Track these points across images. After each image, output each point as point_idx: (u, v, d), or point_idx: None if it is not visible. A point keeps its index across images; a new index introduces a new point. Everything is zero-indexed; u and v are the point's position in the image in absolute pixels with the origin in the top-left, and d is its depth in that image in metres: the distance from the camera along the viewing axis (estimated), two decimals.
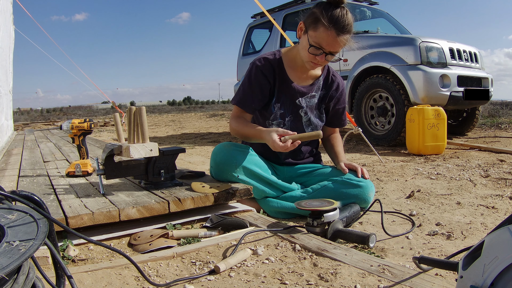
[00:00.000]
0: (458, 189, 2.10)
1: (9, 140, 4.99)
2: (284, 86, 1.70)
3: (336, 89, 1.78)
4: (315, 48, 1.53)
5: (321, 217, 1.28)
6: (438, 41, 4.00)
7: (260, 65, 1.67)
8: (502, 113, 7.00)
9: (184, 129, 8.30)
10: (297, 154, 1.82)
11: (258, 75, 1.66)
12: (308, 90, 1.73)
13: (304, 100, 1.72)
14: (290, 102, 1.72)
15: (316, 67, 1.64)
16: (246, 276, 0.99)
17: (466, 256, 0.70)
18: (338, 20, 1.48)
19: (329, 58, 1.57)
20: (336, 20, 1.48)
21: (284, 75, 1.69)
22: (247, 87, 1.68)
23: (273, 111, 1.72)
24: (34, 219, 0.62)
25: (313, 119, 1.76)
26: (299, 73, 1.72)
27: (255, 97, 1.67)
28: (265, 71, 1.66)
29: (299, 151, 1.81)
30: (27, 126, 10.55)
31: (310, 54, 1.55)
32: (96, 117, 16.34)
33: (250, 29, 6.01)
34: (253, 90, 1.67)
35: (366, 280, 0.93)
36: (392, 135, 3.99)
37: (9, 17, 6.12)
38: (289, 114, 1.73)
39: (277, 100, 1.71)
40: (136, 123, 1.53)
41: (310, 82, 1.74)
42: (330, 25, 1.48)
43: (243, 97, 1.68)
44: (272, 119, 1.73)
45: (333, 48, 1.53)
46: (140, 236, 1.26)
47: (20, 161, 2.67)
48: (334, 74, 1.79)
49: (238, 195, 1.52)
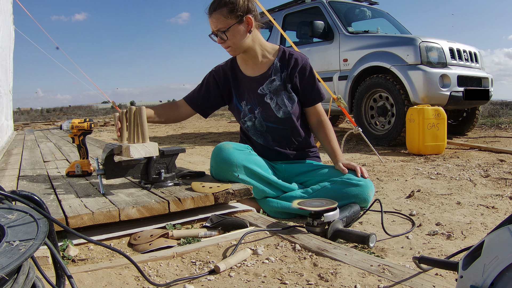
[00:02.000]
0: (458, 189, 2.10)
1: (9, 140, 4.98)
2: (240, 81, 1.83)
3: (295, 64, 1.78)
4: (213, 35, 1.71)
5: (321, 217, 1.28)
6: (438, 41, 4.00)
7: (213, 71, 1.89)
8: (502, 113, 7.01)
9: (184, 129, 8.30)
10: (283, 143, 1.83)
11: (209, 79, 1.89)
12: (265, 76, 1.78)
13: (265, 86, 1.78)
14: (253, 94, 1.80)
15: (229, 51, 1.74)
16: (246, 276, 0.99)
17: (466, 256, 0.70)
18: (210, 4, 1.68)
19: (223, 37, 1.68)
20: (209, 5, 1.68)
21: (238, 73, 1.84)
22: (198, 88, 1.91)
23: (241, 109, 1.83)
24: (34, 219, 0.62)
25: (282, 101, 1.76)
26: (251, 65, 1.82)
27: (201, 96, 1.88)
28: (216, 75, 1.87)
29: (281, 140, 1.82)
30: (27, 126, 10.55)
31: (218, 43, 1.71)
32: (96, 117, 16.34)
33: None
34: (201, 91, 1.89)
35: (366, 280, 0.93)
36: (392, 135, 3.99)
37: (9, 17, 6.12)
38: (257, 107, 1.80)
39: (242, 98, 1.83)
40: (136, 123, 1.53)
41: (265, 68, 1.80)
42: (207, 10, 1.69)
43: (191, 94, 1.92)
44: (243, 116, 1.83)
45: (214, 26, 1.68)
46: (140, 236, 1.26)
47: (20, 161, 2.67)
48: (291, 52, 1.81)
49: (238, 195, 1.52)
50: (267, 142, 1.83)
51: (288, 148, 1.83)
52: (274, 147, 1.83)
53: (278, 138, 1.81)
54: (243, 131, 1.91)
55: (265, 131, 1.81)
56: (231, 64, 1.87)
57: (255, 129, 1.83)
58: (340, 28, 4.59)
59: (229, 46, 1.71)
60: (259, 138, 1.83)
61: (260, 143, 1.84)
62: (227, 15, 1.64)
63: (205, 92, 1.88)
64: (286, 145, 1.83)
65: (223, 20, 1.64)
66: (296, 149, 1.84)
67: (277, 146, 1.83)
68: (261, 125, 1.80)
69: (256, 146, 1.83)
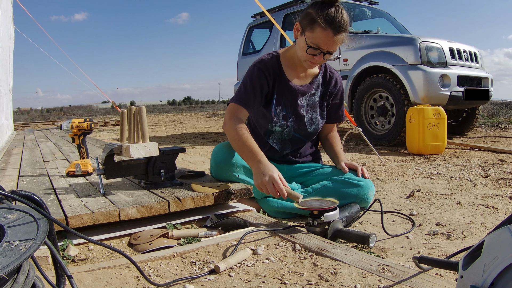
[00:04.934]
0: (458, 189, 2.10)
1: (9, 140, 4.98)
2: (283, 86, 1.69)
3: (334, 85, 1.79)
4: (313, 48, 1.54)
5: (321, 216, 1.28)
6: (438, 41, 4.00)
7: (261, 67, 1.66)
8: (502, 113, 7.01)
9: (184, 128, 8.30)
10: (297, 153, 1.82)
11: (260, 76, 1.65)
12: (307, 89, 1.73)
13: (304, 99, 1.73)
14: (291, 103, 1.72)
15: (314, 66, 1.65)
16: (246, 276, 0.99)
17: (466, 256, 0.70)
18: (334, 19, 1.49)
19: (327, 57, 1.58)
20: (332, 19, 1.48)
21: (282, 75, 1.69)
22: (249, 87, 1.64)
23: (275, 114, 1.71)
24: (34, 219, 0.62)
25: (315, 117, 1.77)
26: (297, 72, 1.72)
27: (256, 97, 1.64)
28: (266, 72, 1.66)
29: (298, 150, 1.82)
30: (27, 126, 10.55)
31: (308, 54, 1.56)
32: (96, 116, 16.34)
33: (250, 29, 6.00)
34: (255, 90, 1.64)
35: (366, 280, 0.93)
36: (392, 135, 3.99)
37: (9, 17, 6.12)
38: (291, 115, 1.73)
39: (278, 103, 1.71)
40: (136, 123, 1.53)
41: (309, 80, 1.75)
42: (327, 25, 1.48)
43: (245, 96, 1.63)
44: (275, 121, 1.72)
45: (330, 47, 1.54)
46: (140, 236, 1.26)
47: (20, 161, 2.67)
48: (332, 71, 1.81)
49: (238, 195, 1.52)
50: (284, 149, 1.78)
51: (299, 157, 1.84)
52: (288, 155, 1.81)
53: (296, 148, 1.81)
54: (255, 132, 1.79)
55: (289, 140, 1.78)
56: (277, 63, 1.69)
57: (280, 135, 1.76)
58: None
59: (316, 63, 1.60)
60: (278, 144, 1.78)
61: (275, 148, 1.78)
62: (345, 40, 1.55)
63: (260, 94, 1.65)
64: (299, 154, 1.83)
65: (340, 44, 1.56)
66: (304, 156, 1.86)
67: (291, 154, 1.81)
68: (289, 134, 1.76)
69: (266, 148, 1.76)
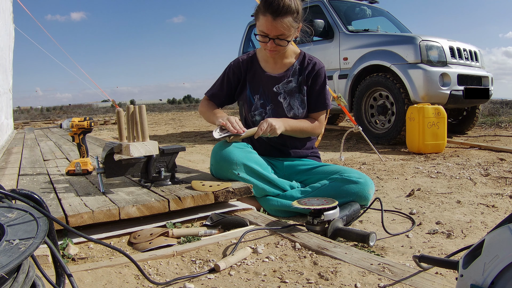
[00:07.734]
0: (458, 187, 2.10)
1: (9, 139, 4.98)
2: (258, 76, 1.82)
3: (312, 69, 1.81)
4: (262, 36, 1.63)
5: (321, 215, 1.28)
6: (438, 39, 3.99)
7: (232, 64, 1.86)
8: (502, 112, 7.01)
9: (184, 127, 8.30)
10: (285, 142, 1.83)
11: (229, 72, 1.85)
12: (282, 76, 1.80)
13: (281, 86, 1.80)
14: (268, 91, 1.80)
15: (274, 54, 1.71)
16: (246, 275, 0.99)
17: (466, 255, 0.70)
18: (271, 3, 1.56)
19: (279, 42, 1.65)
20: (269, 4, 1.56)
21: (257, 68, 1.83)
22: (218, 82, 1.89)
23: (253, 103, 1.83)
24: (34, 218, 0.62)
25: (293, 102, 1.79)
26: (271, 64, 1.82)
27: (222, 90, 1.87)
28: (235, 68, 1.84)
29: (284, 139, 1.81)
30: (27, 125, 10.54)
31: (261, 42, 1.65)
32: (96, 115, 16.33)
33: (250, 28, 6.00)
34: (222, 84, 1.87)
35: (366, 278, 0.93)
36: (392, 133, 3.99)
37: (9, 16, 6.11)
38: (269, 103, 1.81)
39: (255, 92, 1.82)
40: (136, 122, 1.53)
41: (285, 69, 1.82)
42: (265, 10, 1.58)
43: (212, 90, 1.90)
44: (254, 109, 1.83)
45: (274, 32, 1.61)
46: (140, 234, 1.26)
47: (20, 160, 2.67)
48: (310, 58, 1.84)
49: (238, 194, 1.52)
50: (271, 138, 1.82)
51: (289, 147, 1.85)
52: (277, 144, 1.84)
53: (282, 136, 1.81)
54: (248, 125, 1.88)
55: None
56: (251, 57, 1.86)
57: None
58: (340, 27, 4.59)
59: (276, 50, 1.68)
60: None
61: (263, 139, 1.84)
62: (291, 24, 1.60)
63: (227, 89, 1.86)
64: (289, 143, 1.84)
65: (286, 28, 1.60)
66: (296, 147, 1.86)
67: (280, 144, 1.83)
68: None
69: (258, 141, 1.83)
